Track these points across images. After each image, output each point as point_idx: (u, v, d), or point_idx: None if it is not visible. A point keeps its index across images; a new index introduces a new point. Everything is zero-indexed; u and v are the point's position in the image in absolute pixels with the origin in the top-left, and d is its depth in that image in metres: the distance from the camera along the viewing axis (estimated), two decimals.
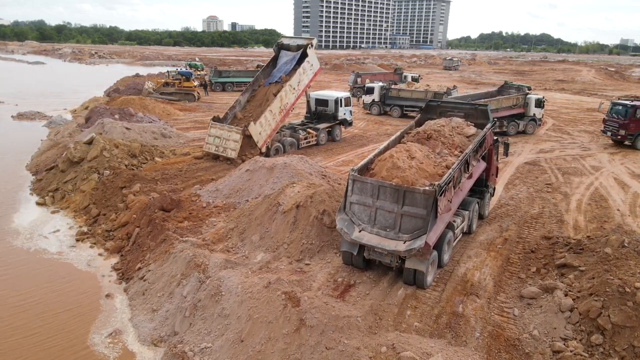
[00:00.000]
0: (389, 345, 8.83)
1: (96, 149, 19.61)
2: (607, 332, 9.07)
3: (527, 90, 31.49)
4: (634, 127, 26.64)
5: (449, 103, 16.87)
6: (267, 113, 22.73)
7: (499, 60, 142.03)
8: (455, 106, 16.38)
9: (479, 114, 15.65)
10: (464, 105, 16.49)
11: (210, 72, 55.44)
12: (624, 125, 26.87)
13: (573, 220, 15.99)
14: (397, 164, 11.76)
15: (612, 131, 27.80)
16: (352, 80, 48.63)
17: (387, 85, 38.67)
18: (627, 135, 26.87)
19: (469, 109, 16.03)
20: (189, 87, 44.79)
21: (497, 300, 10.95)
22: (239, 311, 9.95)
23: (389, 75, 51.04)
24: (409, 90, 37.41)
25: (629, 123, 26.64)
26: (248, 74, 52.72)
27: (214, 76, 53.37)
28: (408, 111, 36.71)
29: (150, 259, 13.05)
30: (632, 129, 26.67)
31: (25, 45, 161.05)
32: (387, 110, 37.81)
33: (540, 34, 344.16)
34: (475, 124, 15.11)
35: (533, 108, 31.00)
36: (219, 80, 52.97)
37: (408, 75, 49.94)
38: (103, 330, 10.65)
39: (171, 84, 44.67)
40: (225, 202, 16.54)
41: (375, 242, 11.10)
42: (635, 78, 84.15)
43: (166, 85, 44.59)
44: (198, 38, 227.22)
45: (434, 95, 33.98)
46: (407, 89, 37.93)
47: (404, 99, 36.77)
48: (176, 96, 43.36)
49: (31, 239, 15.15)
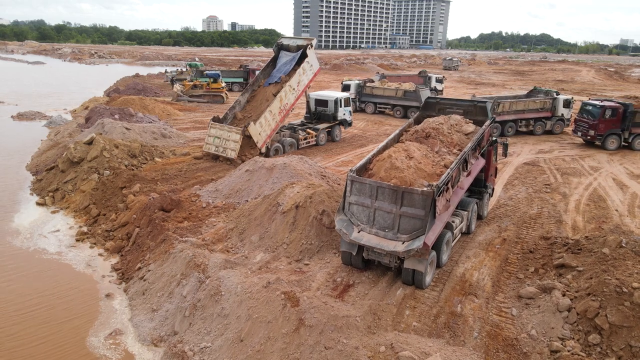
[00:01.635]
0: (388, 344, 8.88)
1: (96, 149, 19.65)
2: (605, 331, 9.12)
3: (555, 95, 31.80)
4: (603, 128, 26.72)
5: (448, 100, 16.83)
6: (266, 113, 22.78)
7: (499, 60, 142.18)
8: (454, 103, 16.36)
9: (478, 110, 15.61)
10: (463, 102, 16.45)
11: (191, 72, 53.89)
12: (593, 125, 27.00)
13: (571, 221, 16.04)
14: (396, 164, 11.77)
15: (582, 131, 27.98)
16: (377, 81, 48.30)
17: (362, 82, 39.87)
18: (596, 135, 26.99)
19: (468, 105, 15.99)
20: (217, 88, 44.63)
21: (495, 300, 10.99)
22: (239, 311, 10.00)
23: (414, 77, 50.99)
24: (381, 88, 38.59)
25: (599, 123, 26.74)
26: (230, 74, 52.31)
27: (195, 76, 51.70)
28: (382, 109, 38.49)
29: (150, 259, 13.09)
30: (602, 129, 26.75)
31: (24, 45, 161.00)
32: (362, 107, 39.11)
33: (540, 34, 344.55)
34: (474, 121, 15.10)
35: (561, 108, 31.29)
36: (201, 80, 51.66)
37: (433, 76, 49.89)
38: (103, 330, 10.70)
39: (199, 86, 44.64)
40: (225, 202, 16.59)
41: (374, 243, 11.14)
42: (634, 78, 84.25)
43: (194, 88, 44.53)
44: (198, 38, 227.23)
45: (403, 93, 36.31)
46: (380, 86, 39.17)
47: (377, 96, 38.14)
48: (205, 98, 43.27)
49: (31, 238, 15.20)
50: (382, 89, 38.36)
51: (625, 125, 26.62)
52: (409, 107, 36.41)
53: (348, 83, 39.78)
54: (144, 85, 48.21)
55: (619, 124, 26.72)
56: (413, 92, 35.99)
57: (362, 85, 39.13)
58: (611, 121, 26.66)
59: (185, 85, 45.80)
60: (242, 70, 52.82)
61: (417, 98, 35.19)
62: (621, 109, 26.59)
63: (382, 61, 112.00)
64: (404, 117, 36.43)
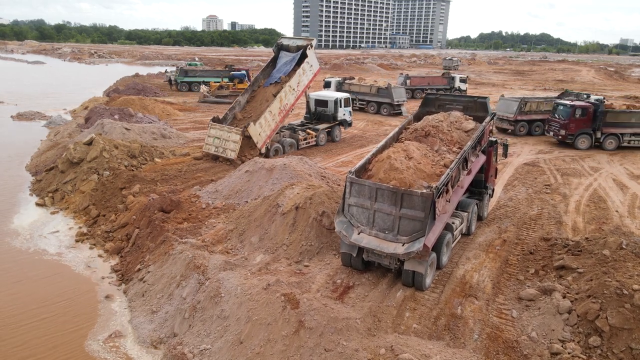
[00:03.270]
0: (388, 347, 8.86)
1: (96, 149, 19.63)
2: (605, 334, 9.11)
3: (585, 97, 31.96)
4: (573, 127, 26.88)
5: (447, 96, 16.74)
6: (266, 114, 22.75)
7: (499, 60, 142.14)
8: (453, 99, 16.27)
9: (478, 106, 15.52)
10: (463, 98, 16.35)
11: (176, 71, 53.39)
12: (564, 125, 27.18)
13: (572, 222, 16.03)
14: (395, 165, 11.71)
15: (553, 131, 28.18)
16: (402, 82, 47.85)
17: (341, 80, 41.65)
18: (567, 135, 27.15)
19: (468, 101, 15.89)
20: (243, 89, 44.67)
21: (495, 302, 10.97)
22: (239, 313, 9.98)
23: (437, 77, 50.94)
24: (358, 84, 40.64)
25: (569, 123, 26.90)
26: (215, 74, 51.79)
27: (179, 75, 51.59)
28: (361, 105, 39.98)
29: (149, 260, 13.07)
30: (572, 129, 26.92)
31: (24, 44, 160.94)
32: None
33: (540, 33, 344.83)
34: (474, 117, 15.03)
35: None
36: (185, 79, 51.30)
37: (457, 76, 50.09)
38: (102, 332, 10.68)
39: (225, 87, 44.54)
40: (225, 203, 16.57)
41: (374, 245, 11.12)
42: (634, 78, 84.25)
43: (220, 89, 44.48)
44: (198, 37, 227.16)
45: (377, 90, 38.45)
46: (357, 83, 41.01)
47: (355, 92, 39.17)
48: (231, 99, 42.87)
49: (31, 239, 15.18)
50: (359, 85, 40.27)
51: (596, 125, 26.81)
52: (382, 103, 38.49)
53: (329, 80, 41.59)
54: (143, 85, 48.15)
55: (590, 123, 26.92)
56: (385, 89, 38.02)
57: (341, 82, 41.00)
58: (582, 121, 26.88)
59: (212, 85, 45.84)
60: (227, 71, 52.55)
61: (389, 95, 37.65)
62: (591, 109, 26.83)
63: (382, 61, 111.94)
64: (377, 112, 38.80)
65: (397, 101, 38.32)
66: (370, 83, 40.58)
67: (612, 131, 26.82)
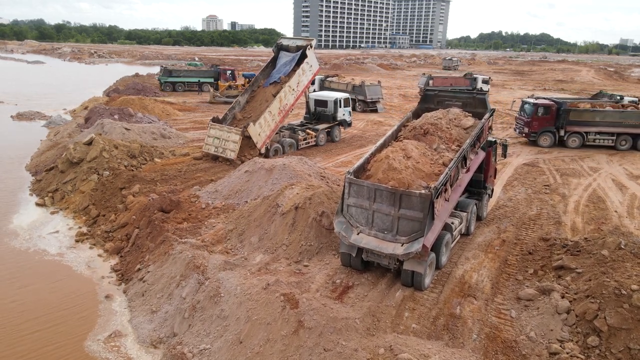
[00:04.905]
0: (387, 347, 8.88)
1: (96, 149, 19.65)
2: (604, 334, 9.13)
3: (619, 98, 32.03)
4: (536, 125, 27.39)
5: (447, 92, 16.74)
6: (266, 114, 22.78)
7: (499, 60, 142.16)
8: (452, 95, 16.22)
9: (477, 102, 15.48)
10: (462, 94, 16.28)
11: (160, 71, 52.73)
12: (527, 123, 27.75)
13: (571, 222, 16.05)
14: (393, 165, 11.70)
15: (519, 129, 28.83)
16: (424, 83, 47.53)
17: (323, 77, 43.20)
18: (530, 132, 27.70)
19: (467, 97, 15.84)
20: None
21: (494, 302, 11.00)
22: (238, 312, 10.01)
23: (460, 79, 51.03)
24: (337, 82, 42.60)
25: (532, 121, 27.46)
26: (200, 74, 51.63)
27: (163, 75, 50.95)
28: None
29: (149, 260, 13.09)
30: (535, 127, 27.45)
31: (24, 44, 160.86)
32: None
33: (540, 33, 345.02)
34: (474, 114, 15.00)
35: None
36: (169, 80, 50.68)
37: (479, 77, 50.10)
38: (102, 332, 10.70)
39: (234, 87, 44.57)
40: (225, 203, 16.59)
41: (374, 245, 11.14)
42: (634, 78, 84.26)
43: (229, 89, 44.53)
44: (197, 37, 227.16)
45: (352, 87, 40.07)
46: (336, 81, 42.93)
47: (334, 89, 40.18)
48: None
49: (30, 239, 15.20)
50: (337, 83, 42.11)
51: (559, 123, 27.32)
52: (357, 100, 39.76)
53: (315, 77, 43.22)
54: (143, 85, 48.13)
55: (553, 121, 27.47)
56: (359, 87, 39.84)
57: (323, 80, 42.80)
58: (544, 119, 27.47)
59: (220, 86, 45.90)
60: (212, 70, 52.42)
61: (362, 93, 39.29)
62: (554, 107, 27.41)
63: (382, 61, 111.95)
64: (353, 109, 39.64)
65: (370, 98, 39.56)
66: (347, 81, 42.24)
67: (575, 129, 27.32)
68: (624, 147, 27.03)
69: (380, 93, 41.08)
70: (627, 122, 26.73)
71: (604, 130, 27.01)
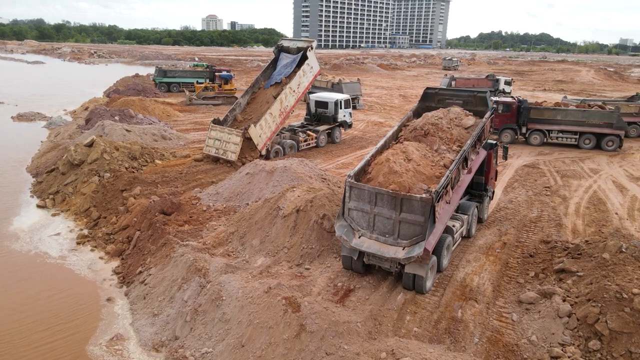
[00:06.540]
0: (389, 350, 8.90)
1: (96, 151, 19.66)
2: (605, 337, 9.15)
3: None
4: (498, 122, 27.78)
5: (447, 90, 16.69)
6: (267, 115, 22.79)
7: (499, 60, 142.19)
8: (453, 93, 16.16)
9: (477, 101, 15.42)
10: (462, 93, 16.17)
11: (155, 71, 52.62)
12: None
13: (571, 224, 16.07)
14: (394, 168, 11.67)
15: None
16: (447, 84, 47.35)
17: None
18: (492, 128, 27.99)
19: (468, 96, 15.75)
20: (229, 90, 43.71)
21: (495, 305, 11.02)
22: (240, 316, 10.02)
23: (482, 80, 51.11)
24: (319, 80, 42.81)
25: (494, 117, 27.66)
26: (195, 74, 51.35)
27: (158, 76, 50.77)
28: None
29: (151, 262, 13.10)
30: (497, 123, 27.73)
31: (24, 44, 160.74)
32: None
33: (540, 33, 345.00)
34: (474, 112, 14.95)
35: None
36: (164, 80, 50.60)
37: (501, 78, 50.13)
38: (104, 335, 10.71)
39: (210, 88, 44.14)
40: (226, 206, 16.60)
41: (375, 249, 11.14)
42: (634, 78, 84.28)
43: (205, 90, 44.06)
44: (197, 37, 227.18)
45: (331, 85, 41.69)
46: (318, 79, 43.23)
47: (317, 87, 40.90)
48: (219, 99, 42.82)
49: (31, 242, 15.20)
50: (319, 81, 42.82)
51: (520, 120, 28.01)
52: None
53: None
54: (143, 86, 48.08)
55: (514, 119, 28.16)
56: (337, 84, 41.46)
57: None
58: (505, 116, 28.16)
59: (197, 87, 45.49)
60: (207, 71, 52.36)
61: (340, 90, 39.65)
62: (515, 105, 28.13)
63: (382, 61, 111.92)
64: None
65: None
66: (328, 79, 43.86)
67: (537, 127, 27.92)
68: (588, 145, 27.51)
69: (359, 90, 43.09)
70: (589, 122, 27.25)
71: (566, 129, 27.56)
